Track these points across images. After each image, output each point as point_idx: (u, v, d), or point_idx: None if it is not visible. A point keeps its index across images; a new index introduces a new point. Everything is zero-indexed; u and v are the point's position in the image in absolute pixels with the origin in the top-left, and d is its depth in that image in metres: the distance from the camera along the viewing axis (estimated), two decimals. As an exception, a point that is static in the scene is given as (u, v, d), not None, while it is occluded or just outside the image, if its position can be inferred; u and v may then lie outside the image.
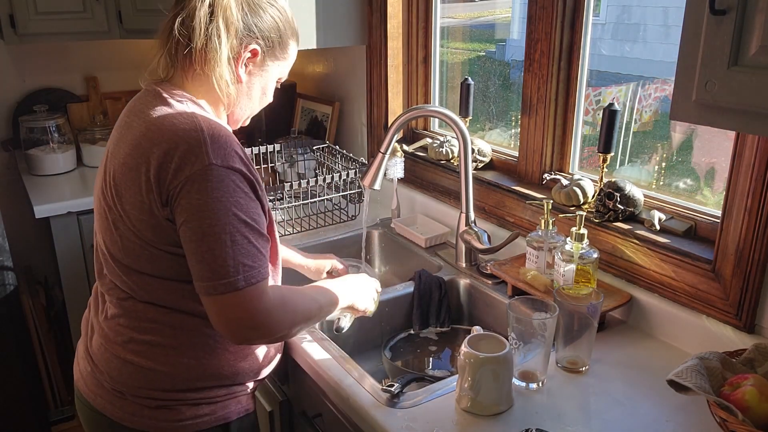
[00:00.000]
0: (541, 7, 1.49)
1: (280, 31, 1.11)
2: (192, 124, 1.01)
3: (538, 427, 1.01)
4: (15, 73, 2.57)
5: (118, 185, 1.05)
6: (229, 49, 1.05)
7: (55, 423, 2.46)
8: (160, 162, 0.99)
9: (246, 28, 1.06)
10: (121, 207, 1.05)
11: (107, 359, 1.12)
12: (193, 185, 0.97)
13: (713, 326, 1.21)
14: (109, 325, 1.13)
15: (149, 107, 1.06)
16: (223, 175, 0.98)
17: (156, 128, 1.02)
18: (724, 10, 0.77)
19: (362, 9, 1.99)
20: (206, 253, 0.98)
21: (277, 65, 1.14)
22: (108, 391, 1.12)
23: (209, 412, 1.13)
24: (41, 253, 2.62)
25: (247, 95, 1.14)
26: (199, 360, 1.10)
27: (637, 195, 1.37)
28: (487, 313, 1.51)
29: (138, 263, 1.07)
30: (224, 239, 0.97)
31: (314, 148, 2.07)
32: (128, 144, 1.05)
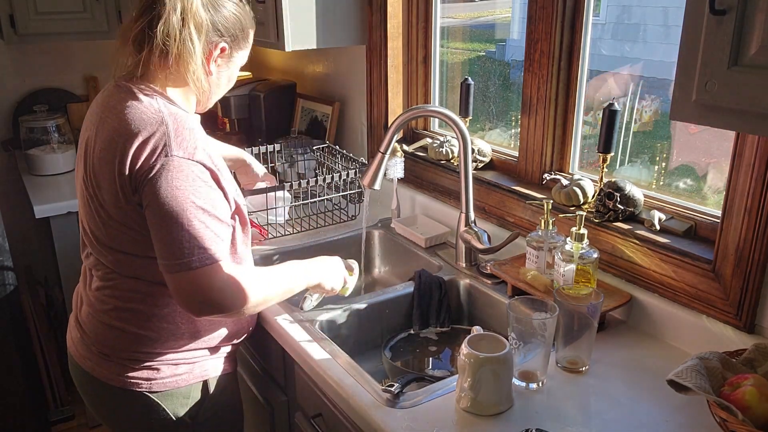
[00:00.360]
0: (541, 7, 1.49)
1: (242, 23, 1.21)
2: (158, 118, 1.12)
3: (538, 427, 1.01)
4: (15, 73, 2.57)
5: (97, 177, 1.15)
6: (201, 51, 1.16)
7: (55, 423, 2.47)
8: (130, 154, 1.09)
9: (214, 29, 1.17)
10: (101, 196, 1.15)
11: (94, 326, 1.25)
12: (158, 174, 1.08)
13: (713, 326, 1.21)
14: (96, 296, 1.25)
15: (122, 103, 1.16)
16: (184, 166, 1.09)
17: (126, 123, 1.12)
18: (724, 10, 0.77)
19: (362, 9, 1.99)
20: (166, 235, 1.09)
21: (241, 55, 1.26)
22: (95, 354, 1.25)
23: (188, 371, 1.27)
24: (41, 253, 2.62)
25: (216, 85, 1.25)
26: (177, 324, 1.23)
27: (637, 195, 1.37)
28: (487, 313, 1.51)
29: (119, 244, 1.18)
30: (182, 223, 1.08)
31: (314, 148, 2.07)
32: (103, 138, 1.15)
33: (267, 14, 1.86)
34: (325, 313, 1.41)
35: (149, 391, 1.24)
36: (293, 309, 1.42)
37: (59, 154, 2.43)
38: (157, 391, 1.24)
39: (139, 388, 1.24)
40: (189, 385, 1.27)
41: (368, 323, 1.46)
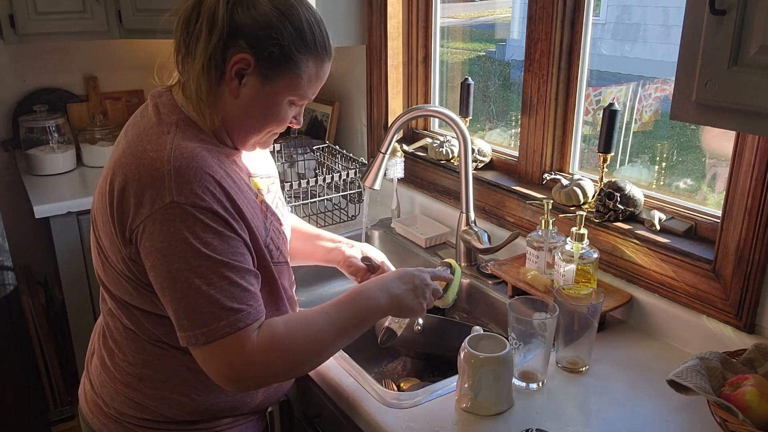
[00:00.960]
0: (541, 7, 1.49)
1: (282, 35, 0.94)
2: (159, 153, 0.90)
3: (538, 427, 1.01)
4: (15, 73, 2.56)
5: (95, 211, 0.99)
6: (210, 54, 0.92)
7: (54, 423, 2.46)
8: (120, 194, 0.90)
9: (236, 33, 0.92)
10: (98, 234, 0.99)
11: (102, 383, 1.08)
12: (155, 226, 0.87)
13: (713, 326, 1.21)
14: (105, 350, 1.07)
15: (135, 125, 0.99)
16: (188, 215, 0.87)
17: (127, 153, 0.93)
18: (724, 10, 0.77)
19: (362, 9, 1.99)
20: (180, 300, 0.87)
21: (284, 81, 0.97)
22: (106, 415, 1.08)
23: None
24: (41, 253, 2.62)
25: (245, 113, 0.98)
26: (189, 396, 1.02)
27: (637, 195, 1.37)
28: (487, 313, 1.51)
29: (119, 291, 0.99)
30: (198, 284, 0.86)
31: (314, 148, 2.07)
32: (107, 166, 0.97)
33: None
34: (325, 313, 1.41)
35: None
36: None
37: (59, 154, 2.43)
38: None
39: None
40: None
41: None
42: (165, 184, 0.87)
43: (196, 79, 0.93)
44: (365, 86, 2.10)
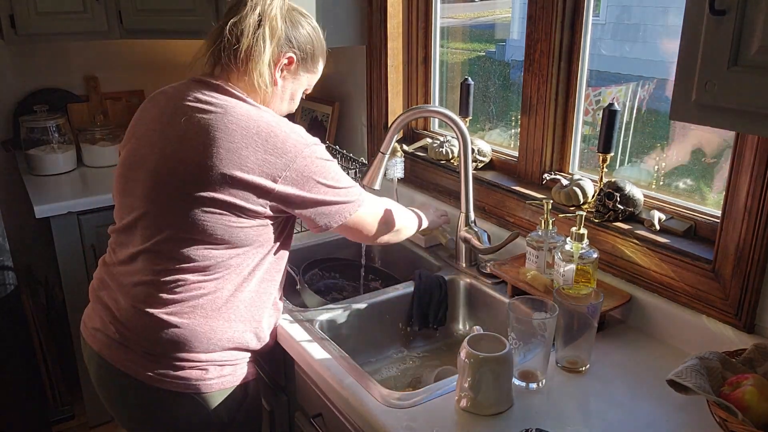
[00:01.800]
0: (541, 7, 1.49)
1: (313, 46, 1.28)
2: (268, 116, 1.20)
3: (538, 427, 1.01)
4: (15, 73, 2.57)
5: (200, 168, 1.14)
6: (270, 53, 1.21)
7: (55, 423, 2.47)
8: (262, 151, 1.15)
9: (286, 38, 1.23)
10: (199, 186, 1.14)
11: (144, 323, 1.20)
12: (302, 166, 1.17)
13: (713, 326, 1.21)
14: (144, 290, 1.20)
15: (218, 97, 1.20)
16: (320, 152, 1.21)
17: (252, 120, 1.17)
18: (724, 10, 0.77)
19: (362, 9, 1.99)
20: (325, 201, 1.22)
21: (306, 76, 1.32)
22: (139, 355, 1.21)
23: (231, 372, 1.27)
24: (41, 253, 2.62)
25: (279, 98, 1.29)
26: (230, 323, 1.23)
27: (637, 195, 1.37)
28: (487, 313, 1.51)
29: (206, 235, 1.16)
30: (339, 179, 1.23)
31: (314, 148, 2.07)
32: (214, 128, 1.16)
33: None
34: (325, 313, 1.41)
35: (197, 392, 1.22)
36: (293, 309, 1.42)
37: (59, 154, 2.43)
38: (205, 392, 1.23)
39: (188, 389, 1.22)
40: (233, 387, 1.27)
41: (368, 323, 1.47)
42: (297, 137, 1.18)
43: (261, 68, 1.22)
44: (365, 86, 2.10)
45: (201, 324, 1.20)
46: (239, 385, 1.28)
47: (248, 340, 1.27)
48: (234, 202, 1.14)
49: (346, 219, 1.26)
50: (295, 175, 1.16)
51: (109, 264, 1.30)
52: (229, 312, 1.23)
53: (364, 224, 1.31)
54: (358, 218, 1.28)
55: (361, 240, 1.37)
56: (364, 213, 1.29)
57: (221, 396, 1.25)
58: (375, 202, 1.34)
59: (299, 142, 1.17)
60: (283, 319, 1.38)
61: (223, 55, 1.22)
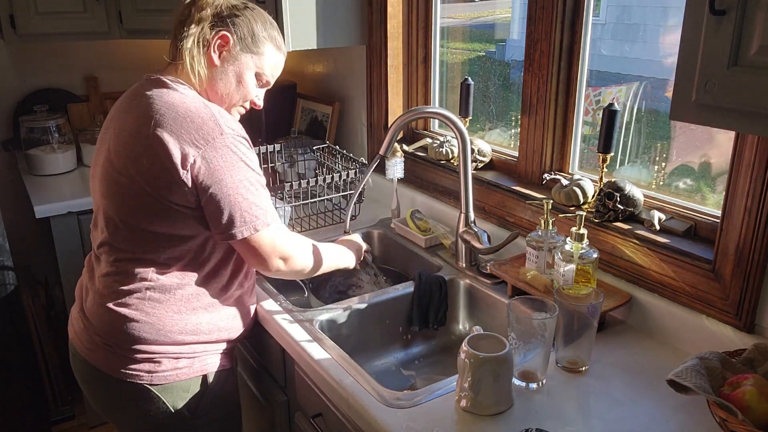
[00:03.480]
0: (541, 7, 1.49)
1: (252, 26, 1.28)
2: (200, 102, 1.21)
3: (538, 427, 1.01)
4: (15, 73, 2.57)
5: (135, 158, 1.18)
6: (198, 32, 1.23)
7: (55, 423, 2.47)
8: (179, 139, 1.15)
9: (218, 19, 1.25)
10: (135, 176, 1.18)
11: (100, 314, 1.26)
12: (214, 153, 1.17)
13: (713, 326, 1.21)
14: (103, 282, 1.27)
15: (156, 90, 1.23)
16: (237, 142, 1.21)
17: (170, 107, 1.18)
18: (724, 10, 0.77)
19: (362, 9, 1.99)
20: (234, 204, 1.19)
21: (250, 57, 1.29)
22: (99, 346, 1.27)
23: (188, 365, 1.29)
24: (41, 253, 2.62)
25: (224, 81, 1.28)
26: (180, 314, 1.26)
27: (637, 195, 1.37)
28: (487, 313, 1.51)
29: (146, 221, 1.20)
30: (249, 189, 1.20)
31: (314, 148, 2.07)
32: (137, 117, 1.20)
33: (267, 14, 1.86)
34: (325, 312, 1.41)
35: (150, 383, 1.26)
36: (292, 309, 1.42)
37: (59, 154, 2.43)
38: (157, 384, 1.26)
39: (140, 380, 1.25)
40: (189, 379, 1.29)
41: (368, 323, 1.47)
42: (215, 121, 1.18)
43: None
44: (365, 86, 2.10)
45: (151, 316, 1.24)
46: (197, 377, 1.30)
47: (204, 332, 1.29)
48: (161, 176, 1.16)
49: (258, 230, 1.21)
50: (205, 159, 1.16)
51: (89, 261, 1.36)
52: (179, 303, 1.25)
53: (272, 248, 1.25)
54: (267, 236, 1.23)
55: (261, 266, 1.28)
56: (275, 233, 1.25)
57: (176, 389, 1.28)
58: (283, 226, 1.30)
59: (215, 129, 1.17)
60: (282, 319, 1.38)
61: (170, 52, 1.29)
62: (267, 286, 1.53)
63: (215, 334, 1.31)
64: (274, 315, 1.40)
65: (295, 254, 1.30)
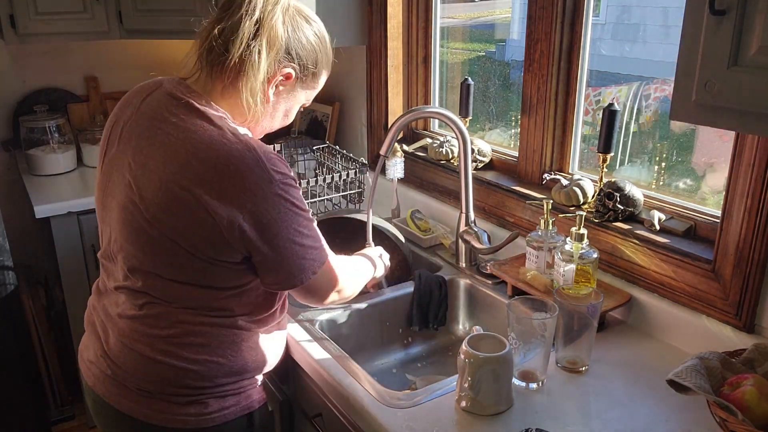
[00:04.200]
0: (541, 7, 1.49)
1: (316, 57, 1.12)
2: (244, 144, 1.02)
3: (538, 427, 1.01)
4: (15, 73, 2.56)
5: (166, 203, 1.02)
6: (266, 69, 1.05)
7: (55, 423, 2.47)
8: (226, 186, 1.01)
9: (286, 50, 1.07)
10: (165, 222, 1.03)
11: (133, 360, 1.11)
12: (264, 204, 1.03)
13: (713, 326, 1.21)
14: (130, 325, 1.11)
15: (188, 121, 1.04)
16: (289, 188, 1.05)
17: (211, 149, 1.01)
18: (724, 10, 0.77)
19: (362, 9, 1.99)
20: (288, 256, 1.07)
21: (304, 93, 1.17)
22: (132, 392, 1.12)
23: (234, 403, 1.16)
24: (41, 253, 2.62)
25: (270, 115, 1.14)
26: (227, 357, 1.12)
27: (637, 195, 1.37)
28: (487, 313, 1.51)
29: (183, 275, 1.07)
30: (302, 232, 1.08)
31: (314, 148, 2.07)
32: (169, 158, 1.03)
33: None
34: (325, 313, 1.41)
35: (197, 428, 1.13)
36: (292, 309, 1.42)
37: (59, 154, 2.43)
38: (205, 428, 1.13)
39: (186, 425, 1.12)
40: (237, 418, 1.17)
41: (368, 323, 1.47)
42: (263, 167, 1.01)
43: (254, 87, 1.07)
44: (365, 86, 2.10)
45: (194, 363, 1.10)
46: (243, 415, 1.18)
47: (250, 371, 1.17)
48: (204, 235, 1.02)
49: (316, 273, 1.10)
50: (254, 215, 1.01)
51: (101, 292, 1.21)
52: (224, 347, 1.12)
53: (330, 283, 1.16)
54: (325, 274, 1.13)
55: (314, 302, 1.20)
56: (330, 267, 1.15)
57: (224, 430, 1.15)
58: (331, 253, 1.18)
59: (262, 178, 1.01)
60: (283, 319, 1.38)
61: (208, 63, 1.07)
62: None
63: (259, 370, 1.20)
64: (274, 315, 1.40)
65: (345, 283, 1.21)
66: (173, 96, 1.08)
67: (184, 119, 1.04)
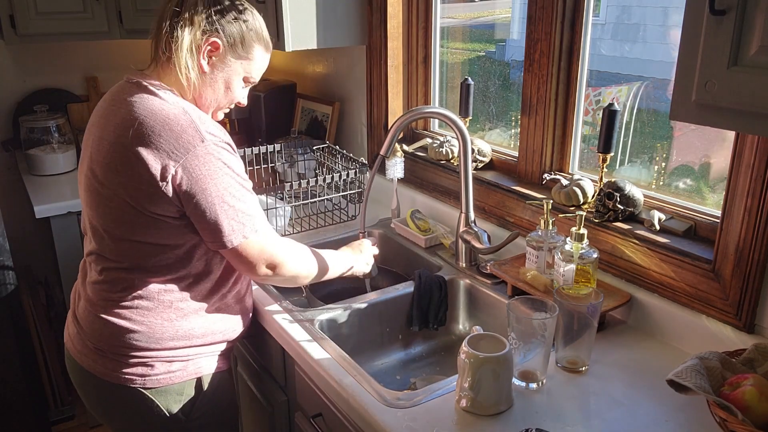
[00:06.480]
0: (541, 7, 1.49)
1: (242, 33, 1.23)
2: (179, 108, 1.17)
3: (538, 427, 1.01)
4: (15, 73, 2.57)
5: (116, 167, 1.16)
6: (191, 39, 1.18)
7: (55, 423, 2.47)
8: (159, 144, 1.13)
9: (209, 23, 1.20)
10: (116, 185, 1.16)
11: (90, 321, 1.26)
12: (196, 161, 1.14)
13: (713, 326, 1.21)
14: (93, 289, 1.26)
15: (134, 95, 1.19)
16: (219, 149, 1.17)
17: (149, 113, 1.15)
18: (724, 10, 0.77)
19: (362, 9, 1.99)
20: (220, 212, 1.17)
21: (239, 63, 1.26)
22: (91, 350, 1.27)
23: (181, 368, 1.28)
24: (41, 253, 2.62)
25: (210, 86, 1.25)
26: (171, 321, 1.24)
27: (637, 195, 1.37)
28: (487, 313, 1.51)
29: (131, 232, 1.19)
30: (234, 196, 1.18)
31: (314, 148, 2.07)
32: (119, 129, 1.16)
33: (267, 14, 1.86)
34: (325, 312, 1.41)
35: (143, 387, 1.25)
36: (292, 309, 1.43)
37: (59, 154, 2.43)
38: (150, 388, 1.26)
39: (132, 384, 1.25)
40: (182, 382, 1.28)
41: (368, 323, 1.47)
42: (195, 128, 1.14)
43: None
44: (365, 86, 2.10)
45: (141, 324, 1.23)
46: (191, 380, 1.29)
47: (197, 336, 1.27)
48: (142, 188, 1.14)
49: (246, 237, 1.20)
50: (186, 169, 1.13)
51: (84, 264, 1.34)
52: (169, 311, 1.24)
53: (261, 256, 1.23)
54: (256, 244, 1.22)
55: (248, 273, 1.26)
56: (263, 240, 1.23)
57: (170, 392, 1.27)
58: (273, 232, 1.27)
59: (195, 137, 1.14)
60: (282, 319, 1.38)
61: (153, 50, 1.24)
62: (266, 286, 1.53)
63: (209, 337, 1.30)
64: (274, 315, 1.40)
65: (284, 261, 1.26)
66: (129, 81, 1.23)
67: (134, 96, 1.19)
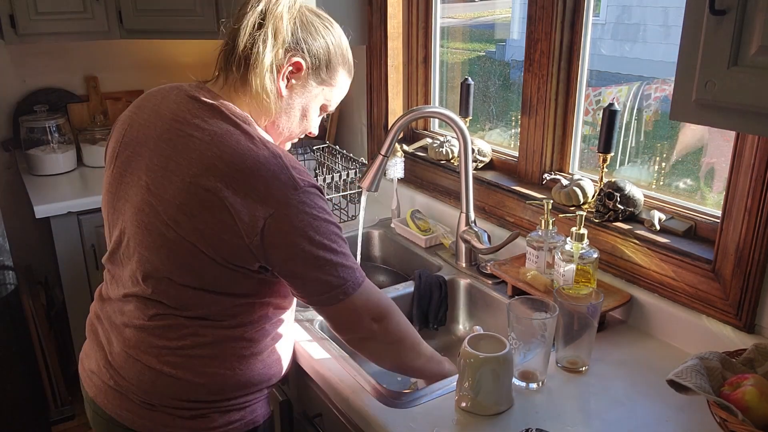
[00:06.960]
0: (541, 7, 1.49)
1: (329, 54, 1.09)
2: (270, 150, 1.01)
3: (538, 427, 1.01)
4: (15, 73, 2.56)
5: (189, 208, 1.00)
6: (272, 56, 1.03)
7: (55, 423, 2.47)
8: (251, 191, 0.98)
9: (294, 41, 1.05)
10: (185, 225, 1.00)
11: (138, 371, 1.08)
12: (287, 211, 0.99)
13: (713, 326, 1.21)
14: (137, 335, 1.08)
15: (213, 124, 1.02)
16: (312, 195, 1.02)
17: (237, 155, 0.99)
18: (724, 10, 0.77)
19: (362, 9, 1.99)
20: (316, 269, 1.02)
21: (321, 89, 1.12)
22: (136, 404, 1.09)
23: (239, 418, 1.14)
24: (41, 253, 2.62)
25: (286, 113, 1.10)
26: (234, 370, 1.10)
27: (637, 195, 1.37)
28: (487, 313, 1.51)
29: (198, 280, 1.03)
30: (332, 250, 1.03)
31: (314, 148, 2.07)
32: (191, 161, 1.00)
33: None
34: (325, 313, 1.41)
35: None
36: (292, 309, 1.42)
37: (59, 154, 2.43)
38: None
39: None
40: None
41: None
42: (288, 175, 0.99)
43: None
44: (365, 86, 2.10)
45: (201, 375, 1.07)
46: (247, 431, 1.16)
47: (256, 384, 1.14)
48: (224, 238, 0.99)
49: (348, 294, 1.05)
50: (277, 220, 0.98)
51: (104, 298, 1.17)
52: (232, 359, 1.10)
53: (366, 309, 1.08)
54: (361, 297, 1.06)
55: (350, 331, 1.12)
56: (368, 291, 1.08)
57: None
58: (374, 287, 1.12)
59: (287, 184, 0.99)
60: (283, 319, 1.38)
61: (223, 62, 1.08)
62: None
63: (265, 383, 1.16)
64: (274, 315, 1.40)
65: (390, 311, 1.11)
66: (194, 98, 1.06)
67: (207, 121, 1.03)
